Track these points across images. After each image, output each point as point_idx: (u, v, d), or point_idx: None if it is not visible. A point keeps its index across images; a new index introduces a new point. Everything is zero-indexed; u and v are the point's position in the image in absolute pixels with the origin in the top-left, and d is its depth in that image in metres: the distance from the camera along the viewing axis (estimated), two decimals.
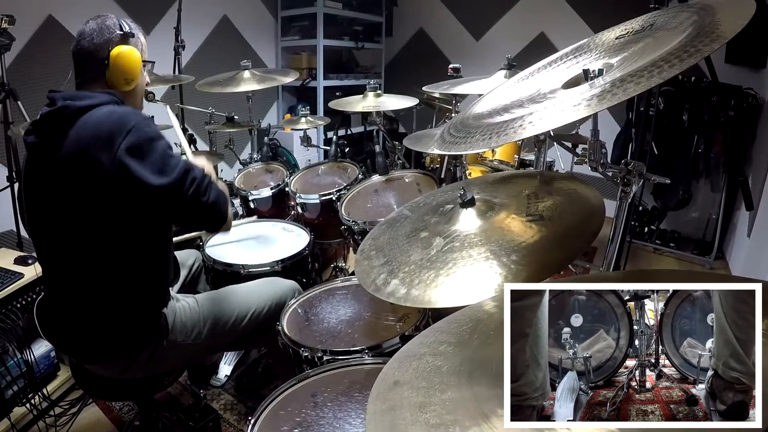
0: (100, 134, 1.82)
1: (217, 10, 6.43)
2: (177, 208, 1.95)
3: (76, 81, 2.06)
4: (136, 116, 1.91)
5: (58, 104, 1.89)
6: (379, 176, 3.47)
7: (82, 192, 1.85)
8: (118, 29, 2.05)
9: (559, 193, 1.69)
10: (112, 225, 1.90)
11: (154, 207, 1.92)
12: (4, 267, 3.01)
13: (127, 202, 1.85)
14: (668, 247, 5.57)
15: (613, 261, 1.81)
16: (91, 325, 2.03)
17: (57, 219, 1.95)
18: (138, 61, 2.09)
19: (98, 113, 1.89)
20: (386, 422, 0.92)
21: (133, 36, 2.10)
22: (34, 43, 4.64)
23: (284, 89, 7.51)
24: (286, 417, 1.70)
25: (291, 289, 2.55)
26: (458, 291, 1.42)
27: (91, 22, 2.04)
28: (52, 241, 2.02)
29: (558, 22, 6.50)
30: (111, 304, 2.01)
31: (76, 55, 2.04)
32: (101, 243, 1.92)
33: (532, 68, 1.90)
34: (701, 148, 5.12)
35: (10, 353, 2.84)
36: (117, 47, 2.01)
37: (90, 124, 1.86)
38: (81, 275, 1.99)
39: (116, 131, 1.82)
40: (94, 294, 2.00)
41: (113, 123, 1.85)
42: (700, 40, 1.15)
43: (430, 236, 1.69)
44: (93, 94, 1.95)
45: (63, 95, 1.93)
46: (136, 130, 1.84)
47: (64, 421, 2.94)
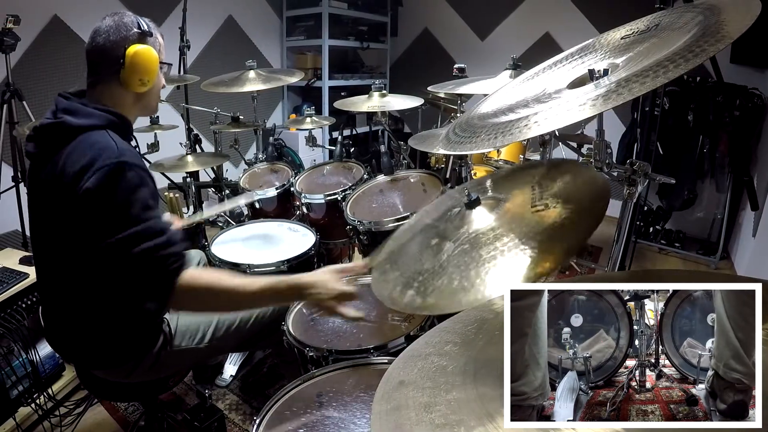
0: (78, 162, 1.74)
1: (223, 10, 6.45)
2: (111, 264, 1.77)
3: (88, 80, 1.97)
4: (114, 156, 1.76)
5: (58, 117, 1.84)
6: (384, 176, 3.46)
7: (54, 211, 1.84)
8: (136, 27, 1.94)
9: (562, 179, 1.68)
10: (85, 244, 1.80)
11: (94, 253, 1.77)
12: (10, 267, 3.02)
13: (85, 228, 1.76)
14: (673, 247, 5.56)
15: (618, 261, 1.81)
16: (90, 333, 2.01)
17: (48, 230, 1.94)
18: (155, 62, 1.97)
19: (88, 139, 1.81)
20: (391, 422, 0.92)
21: (151, 35, 1.98)
22: (40, 43, 4.65)
23: (289, 89, 7.53)
24: (292, 417, 1.70)
25: None
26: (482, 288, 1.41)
27: (107, 19, 1.93)
28: (44, 249, 2.01)
29: (563, 22, 6.50)
30: (107, 314, 1.96)
31: (90, 53, 1.94)
32: (87, 256, 1.84)
33: (537, 68, 1.91)
34: (706, 148, 5.12)
35: (15, 353, 2.84)
36: (133, 46, 1.90)
37: (77, 150, 1.78)
38: (75, 285, 1.95)
39: (89, 165, 1.72)
40: (89, 303, 1.95)
41: (92, 157, 1.73)
42: (705, 40, 1.15)
43: (440, 242, 1.69)
44: (92, 112, 1.87)
45: (64, 106, 1.87)
46: (103, 172, 1.71)
47: (69, 421, 2.94)
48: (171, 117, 5.35)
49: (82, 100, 1.93)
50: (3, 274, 2.91)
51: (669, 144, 5.24)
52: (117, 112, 1.93)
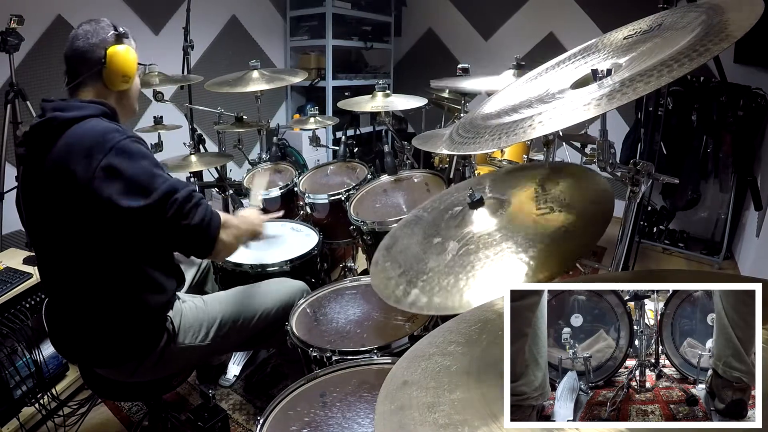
0: (81, 148, 1.82)
1: (226, 10, 6.45)
2: (155, 230, 1.91)
3: (69, 85, 2.05)
4: (120, 134, 1.88)
5: (47, 115, 1.90)
6: (387, 176, 3.46)
7: (63, 205, 1.86)
8: (113, 30, 2.07)
9: (565, 182, 1.68)
10: (95, 238, 1.89)
11: (129, 228, 1.87)
12: (13, 267, 3.02)
13: (101, 219, 1.84)
14: (677, 247, 5.56)
15: (622, 261, 1.81)
16: (94, 332, 2.04)
17: (49, 229, 1.96)
18: (134, 59, 2.11)
19: (84, 126, 1.88)
20: (395, 422, 0.92)
21: (127, 37, 2.12)
22: (43, 43, 4.66)
23: (293, 89, 7.52)
24: (295, 417, 1.70)
25: (300, 290, 2.55)
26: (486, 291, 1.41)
27: (84, 25, 2.06)
28: (48, 250, 2.03)
29: (567, 22, 6.50)
30: (111, 312, 2.01)
31: (70, 57, 2.05)
32: (91, 254, 1.92)
33: (540, 68, 1.90)
34: (710, 148, 5.12)
35: (19, 353, 2.85)
36: (113, 46, 2.03)
37: (74, 137, 1.86)
38: (78, 283, 2.00)
39: (97, 148, 1.81)
40: (93, 301, 2.00)
41: (95, 139, 1.84)
42: (709, 39, 1.15)
43: (443, 241, 1.69)
44: (82, 105, 1.96)
45: (53, 106, 1.93)
46: (118, 150, 1.83)
47: (72, 421, 2.95)
48: (174, 117, 5.35)
49: (69, 99, 2.03)
50: (7, 274, 2.92)
51: (672, 144, 5.24)
52: (107, 103, 2.03)
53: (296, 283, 2.62)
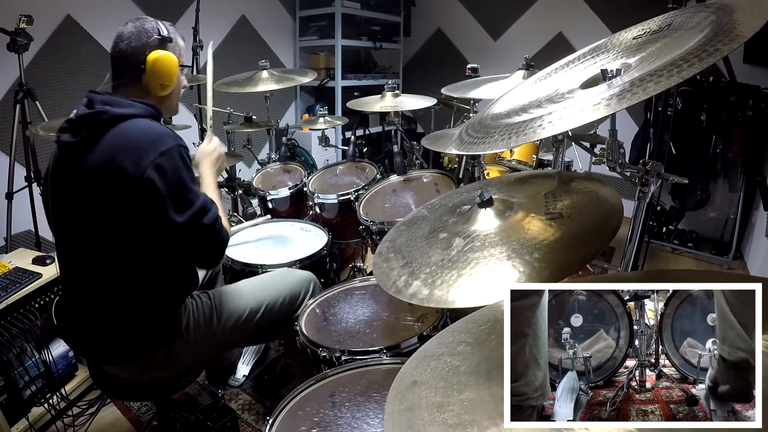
0: (133, 146, 1.84)
1: (235, 10, 6.46)
2: (179, 243, 1.97)
3: (112, 83, 2.05)
4: (172, 140, 1.92)
5: (96, 107, 1.90)
6: (397, 176, 3.47)
7: (104, 199, 1.86)
8: (156, 33, 2.04)
9: (577, 192, 1.68)
10: (130, 232, 1.90)
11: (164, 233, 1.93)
12: (23, 267, 3.03)
13: (145, 212, 1.86)
14: (686, 247, 5.54)
15: (631, 261, 1.81)
16: (108, 327, 2.04)
17: (79, 221, 1.96)
18: (175, 67, 2.09)
19: (136, 126, 1.91)
20: (404, 422, 0.93)
21: (171, 41, 2.10)
22: (52, 43, 4.65)
23: (302, 89, 7.53)
24: (305, 417, 1.71)
25: (306, 280, 2.55)
26: (482, 290, 1.41)
27: (129, 25, 2.04)
28: (72, 241, 2.03)
29: (576, 22, 6.49)
30: (128, 306, 2.02)
31: (113, 57, 2.05)
32: (120, 248, 1.93)
33: (550, 68, 1.90)
34: (719, 148, 5.11)
35: (28, 353, 2.86)
36: (154, 52, 2.01)
37: (126, 134, 1.88)
38: (100, 277, 2.00)
39: (150, 148, 1.84)
40: (111, 296, 2.01)
41: (149, 141, 1.86)
42: (718, 39, 1.15)
43: (449, 237, 1.69)
44: (131, 103, 1.97)
45: (102, 99, 1.94)
46: (168, 155, 1.86)
47: (82, 421, 2.96)
48: (184, 117, 5.38)
49: (114, 94, 2.02)
50: (16, 275, 2.93)
51: (682, 144, 5.23)
52: (153, 104, 2.05)
53: (302, 273, 2.62)
